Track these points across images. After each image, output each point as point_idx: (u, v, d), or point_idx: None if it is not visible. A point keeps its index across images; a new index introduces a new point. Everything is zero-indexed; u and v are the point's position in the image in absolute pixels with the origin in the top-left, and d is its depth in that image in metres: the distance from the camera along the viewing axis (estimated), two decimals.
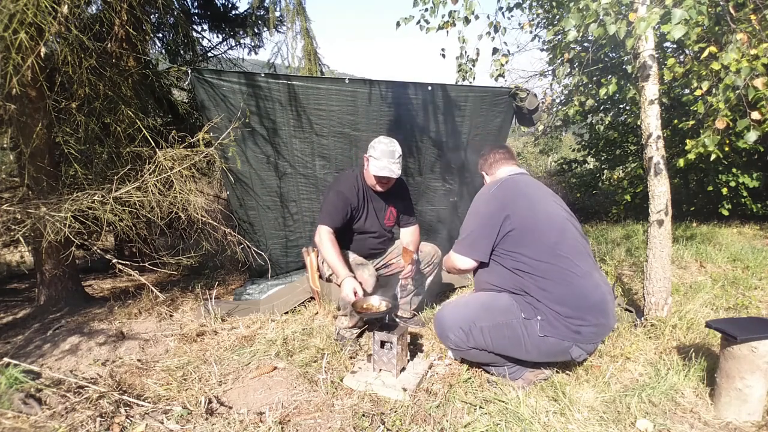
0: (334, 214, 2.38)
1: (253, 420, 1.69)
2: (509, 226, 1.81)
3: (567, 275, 1.76)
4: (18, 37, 2.18)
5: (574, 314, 1.74)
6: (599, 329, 1.78)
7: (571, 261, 1.77)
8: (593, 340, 1.80)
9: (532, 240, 1.79)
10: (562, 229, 1.83)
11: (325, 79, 3.36)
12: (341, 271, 2.23)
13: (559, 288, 1.75)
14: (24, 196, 2.73)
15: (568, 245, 1.80)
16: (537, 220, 1.82)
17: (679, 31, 1.92)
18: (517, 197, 1.87)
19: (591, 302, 1.76)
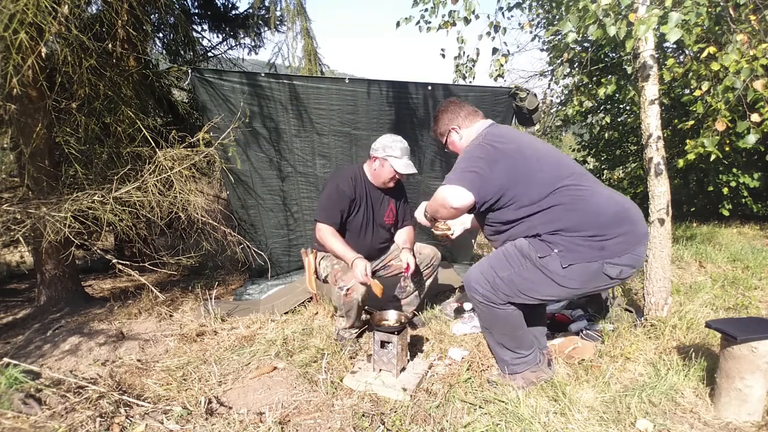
0: (331, 208, 2.38)
1: (253, 420, 1.69)
2: (499, 173, 1.71)
3: (574, 201, 1.69)
4: (18, 37, 2.18)
5: (594, 232, 1.67)
6: (627, 237, 1.69)
7: (576, 186, 1.71)
8: (624, 251, 1.69)
9: (529, 183, 1.71)
10: (558, 161, 1.77)
11: (326, 78, 3.37)
12: (349, 255, 2.25)
13: (570, 215, 1.68)
14: (24, 196, 2.73)
15: (567, 172, 1.73)
16: (529, 161, 1.73)
17: (675, 35, 1.93)
18: (507, 144, 1.77)
19: (607, 216, 1.69)
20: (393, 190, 2.59)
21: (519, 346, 1.89)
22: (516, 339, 1.88)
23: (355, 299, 2.23)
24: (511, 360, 1.90)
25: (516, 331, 1.87)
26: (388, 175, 2.41)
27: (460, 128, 1.96)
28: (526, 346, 1.89)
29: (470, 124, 1.94)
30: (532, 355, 1.91)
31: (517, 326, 1.86)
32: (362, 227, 2.49)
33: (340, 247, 2.31)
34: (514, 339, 1.88)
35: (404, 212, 2.66)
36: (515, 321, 1.85)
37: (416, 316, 2.72)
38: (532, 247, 1.74)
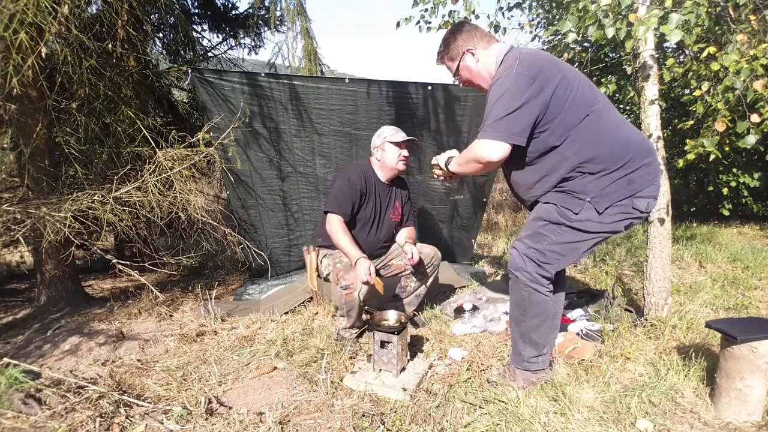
0: (342, 199, 2.39)
1: (253, 420, 1.69)
2: (543, 101, 1.59)
3: (608, 126, 1.66)
4: (18, 37, 2.18)
5: (622, 164, 1.63)
6: (650, 168, 1.68)
7: (608, 111, 1.68)
8: (649, 182, 1.68)
9: (569, 107, 1.62)
10: (590, 83, 1.72)
11: (326, 78, 3.37)
12: (354, 253, 2.25)
13: (602, 145, 1.64)
14: (24, 196, 2.73)
15: (599, 97, 1.68)
16: (572, 83, 1.63)
17: (676, 36, 1.94)
18: (545, 65, 1.63)
19: (635, 145, 1.67)
20: (398, 188, 2.63)
21: (544, 343, 1.86)
22: (544, 334, 1.85)
23: (357, 298, 2.23)
24: (529, 357, 1.86)
25: (547, 323, 1.84)
26: (394, 155, 2.45)
27: (476, 49, 1.75)
28: (550, 343, 1.90)
29: (487, 46, 1.75)
30: (546, 355, 1.89)
31: (549, 317, 1.84)
32: (370, 221, 2.51)
33: (346, 243, 2.31)
34: (542, 332, 1.84)
35: (408, 212, 2.69)
36: (552, 310, 1.85)
37: (416, 316, 2.72)
38: (562, 207, 1.70)
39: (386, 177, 2.55)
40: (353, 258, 2.25)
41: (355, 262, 2.23)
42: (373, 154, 2.54)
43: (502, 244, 4.97)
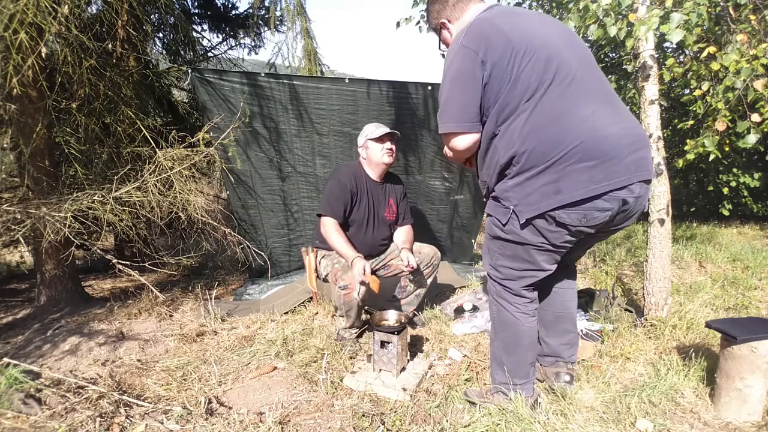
0: (334, 202, 2.41)
1: (253, 420, 1.69)
2: (486, 77, 1.40)
3: (547, 112, 1.36)
4: (18, 37, 2.18)
5: (547, 165, 1.36)
6: (595, 172, 1.33)
7: (560, 93, 1.37)
8: (592, 192, 1.34)
9: (507, 85, 1.39)
10: (549, 56, 1.38)
11: (326, 78, 3.37)
12: (350, 254, 2.26)
13: (530, 138, 1.36)
14: (24, 196, 2.73)
15: (554, 78, 1.37)
16: (514, 57, 1.37)
17: (677, 36, 1.93)
18: (493, 36, 1.40)
19: (578, 141, 1.33)
20: (393, 186, 2.63)
21: (515, 372, 1.67)
22: (515, 363, 1.67)
23: (355, 298, 2.23)
24: (499, 381, 1.71)
25: (518, 350, 1.66)
26: (378, 150, 2.46)
27: (450, 21, 1.61)
28: (521, 375, 1.67)
29: (461, 14, 1.57)
30: (524, 385, 1.69)
31: (521, 342, 1.65)
32: (364, 222, 2.51)
33: (341, 245, 2.32)
34: (513, 360, 1.67)
35: (404, 209, 2.68)
36: (525, 335, 1.64)
37: (416, 316, 2.72)
38: (494, 218, 1.53)
39: (377, 174, 2.55)
40: (349, 259, 2.26)
41: (351, 263, 2.24)
42: (360, 154, 2.56)
43: None
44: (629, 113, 1.47)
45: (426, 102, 3.30)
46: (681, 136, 5.75)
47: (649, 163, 1.44)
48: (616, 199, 1.37)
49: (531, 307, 1.66)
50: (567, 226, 1.41)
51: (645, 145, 1.43)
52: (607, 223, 1.44)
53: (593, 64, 1.48)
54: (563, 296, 1.80)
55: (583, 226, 1.41)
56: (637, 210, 1.47)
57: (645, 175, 1.40)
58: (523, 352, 1.68)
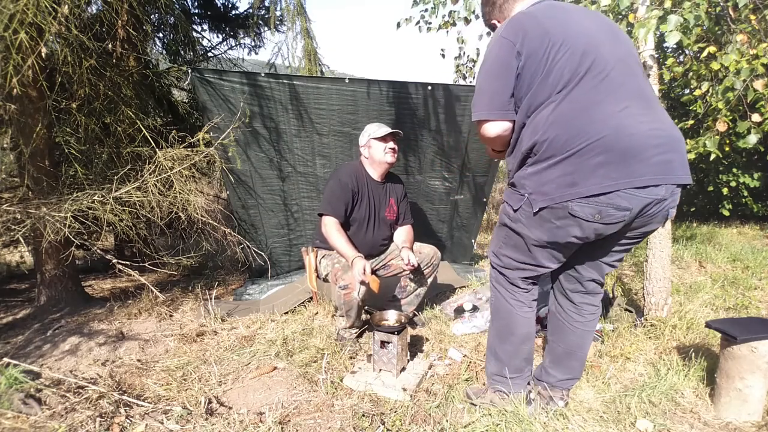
0: (335, 201, 2.41)
1: (253, 420, 1.69)
2: (520, 67, 1.41)
3: (574, 103, 1.35)
4: (18, 37, 2.18)
5: (567, 155, 1.35)
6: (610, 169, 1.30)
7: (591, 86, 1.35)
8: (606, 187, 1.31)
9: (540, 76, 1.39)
10: (585, 49, 1.37)
11: (326, 78, 3.37)
12: (350, 253, 2.27)
13: (554, 127, 1.37)
14: (24, 196, 2.73)
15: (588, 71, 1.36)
16: (550, 49, 1.37)
17: (674, 38, 1.94)
18: (531, 28, 1.41)
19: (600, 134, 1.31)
20: (393, 186, 2.64)
21: (507, 362, 1.68)
22: (507, 353, 1.68)
23: (355, 298, 2.23)
24: (491, 373, 1.73)
25: (512, 340, 1.66)
26: (380, 149, 2.46)
27: (499, 22, 1.64)
28: (513, 368, 1.68)
29: (508, 14, 1.58)
30: (515, 380, 1.69)
31: (516, 333, 1.65)
32: (365, 221, 2.51)
33: (342, 244, 2.33)
34: (505, 350, 1.68)
35: (405, 209, 2.69)
36: (520, 325, 1.63)
37: (416, 316, 2.72)
38: (506, 204, 1.54)
39: (378, 174, 2.56)
40: (349, 258, 2.26)
41: (351, 263, 2.24)
42: (361, 153, 2.56)
43: None
44: (666, 115, 1.42)
45: (426, 102, 3.30)
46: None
47: (679, 167, 1.35)
48: (637, 199, 1.32)
49: (527, 297, 1.64)
50: (579, 220, 1.37)
51: (676, 148, 1.36)
52: (626, 225, 1.39)
53: (634, 64, 1.44)
54: (581, 337, 1.66)
55: (597, 223, 1.37)
56: (658, 214, 1.39)
57: (673, 179, 1.34)
58: (517, 342, 1.66)
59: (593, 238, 1.43)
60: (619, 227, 1.39)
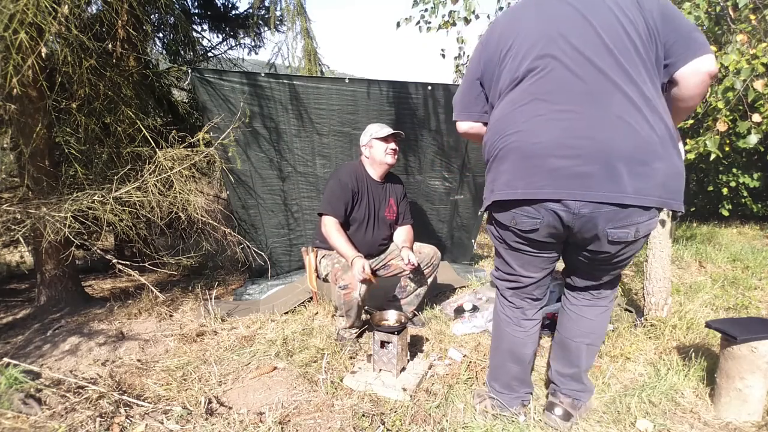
0: (335, 201, 2.42)
1: (253, 420, 1.69)
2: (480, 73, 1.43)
3: (509, 102, 1.32)
4: (18, 37, 2.18)
5: (490, 159, 1.37)
6: (513, 177, 1.28)
7: (520, 92, 1.29)
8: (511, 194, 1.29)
9: (492, 82, 1.39)
10: (536, 39, 1.27)
11: (326, 78, 3.37)
12: (350, 253, 2.27)
13: (489, 130, 1.39)
14: (24, 196, 2.73)
15: (528, 73, 1.27)
16: (500, 55, 1.34)
17: None
18: (490, 32, 1.40)
19: (513, 135, 1.28)
20: (393, 186, 2.64)
21: (495, 375, 1.66)
22: (495, 366, 1.67)
23: (355, 298, 2.23)
24: (487, 380, 1.74)
25: (499, 352, 1.63)
26: (381, 149, 2.47)
27: None
28: (500, 382, 1.66)
29: None
30: (504, 396, 1.65)
31: (504, 345, 1.61)
32: (365, 221, 2.52)
33: (342, 244, 2.33)
34: (495, 360, 1.67)
35: (404, 209, 2.69)
36: (509, 338, 1.60)
37: (416, 316, 2.72)
38: None
39: (378, 174, 2.56)
40: (349, 258, 2.27)
41: (351, 262, 2.24)
42: (362, 152, 2.56)
43: None
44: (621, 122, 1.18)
45: (426, 102, 3.30)
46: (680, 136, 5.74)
47: (605, 182, 1.18)
48: (547, 211, 1.26)
49: (515, 313, 1.59)
50: (504, 225, 1.39)
51: (604, 159, 1.17)
52: (562, 233, 1.32)
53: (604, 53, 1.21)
54: (576, 323, 1.59)
55: (515, 228, 1.36)
56: (586, 231, 1.27)
57: (587, 195, 1.20)
58: (502, 357, 1.63)
59: (529, 244, 1.40)
60: (543, 234, 1.33)
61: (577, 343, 1.59)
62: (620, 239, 1.27)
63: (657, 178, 1.19)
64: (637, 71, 1.21)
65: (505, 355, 1.63)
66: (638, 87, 1.20)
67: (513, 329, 1.60)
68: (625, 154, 1.17)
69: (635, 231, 1.25)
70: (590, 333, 1.58)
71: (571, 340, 1.60)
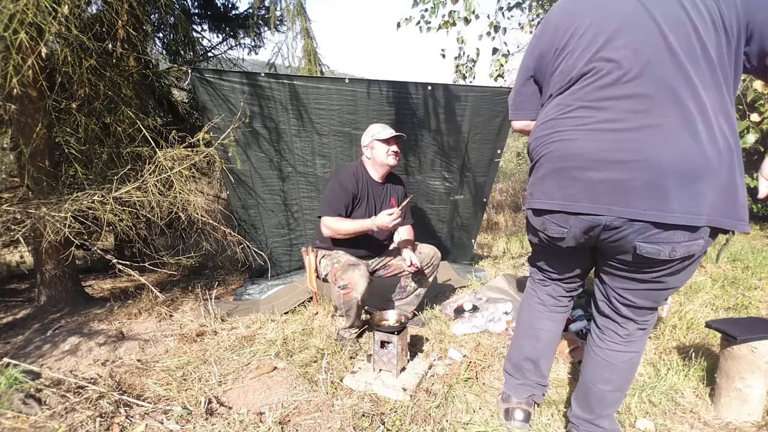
0: (335, 203, 2.42)
1: (253, 420, 1.69)
2: (534, 69, 1.37)
3: (557, 106, 1.27)
4: (18, 37, 2.18)
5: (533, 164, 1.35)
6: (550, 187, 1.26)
7: (588, 86, 1.19)
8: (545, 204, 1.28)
9: (547, 77, 1.32)
10: (594, 37, 1.18)
11: (326, 78, 3.37)
12: (366, 222, 2.31)
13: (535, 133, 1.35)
14: (24, 196, 2.73)
15: (586, 73, 1.20)
16: (555, 49, 1.27)
17: None
18: (547, 22, 1.31)
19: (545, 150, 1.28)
20: (394, 186, 2.64)
21: (510, 356, 1.67)
22: (513, 342, 1.68)
23: (355, 298, 2.23)
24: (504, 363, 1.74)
25: (517, 328, 1.65)
26: (382, 151, 2.46)
27: None
28: (511, 364, 1.67)
29: None
30: (511, 381, 1.65)
31: (519, 319, 1.64)
32: None
33: (354, 224, 2.35)
34: (514, 335, 1.68)
35: (405, 210, 2.69)
36: (522, 310, 1.63)
37: (416, 316, 2.72)
38: None
39: (379, 174, 2.56)
40: (368, 225, 2.30)
41: (375, 224, 2.28)
42: (363, 153, 2.56)
43: (502, 244, 4.96)
44: (672, 135, 1.08)
45: (426, 102, 3.30)
46: None
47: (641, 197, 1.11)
48: (577, 220, 1.22)
49: (540, 290, 1.60)
50: (534, 228, 1.39)
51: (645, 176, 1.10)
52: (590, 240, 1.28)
53: (666, 54, 1.09)
54: (600, 368, 1.45)
55: (544, 233, 1.35)
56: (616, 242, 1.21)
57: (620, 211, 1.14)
58: (519, 332, 1.64)
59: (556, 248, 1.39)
60: (571, 242, 1.30)
61: (600, 389, 1.43)
62: (649, 254, 1.16)
63: (711, 197, 1.08)
64: (701, 76, 1.08)
65: (522, 328, 1.63)
66: (699, 96, 1.08)
67: (534, 302, 1.61)
68: (674, 170, 1.08)
69: (670, 250, 1.14)
70: (614, 379, 1.41)
71: (593, 386, 1.44)
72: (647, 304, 1.32)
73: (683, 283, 1.27)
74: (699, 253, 1.17)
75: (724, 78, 1.10)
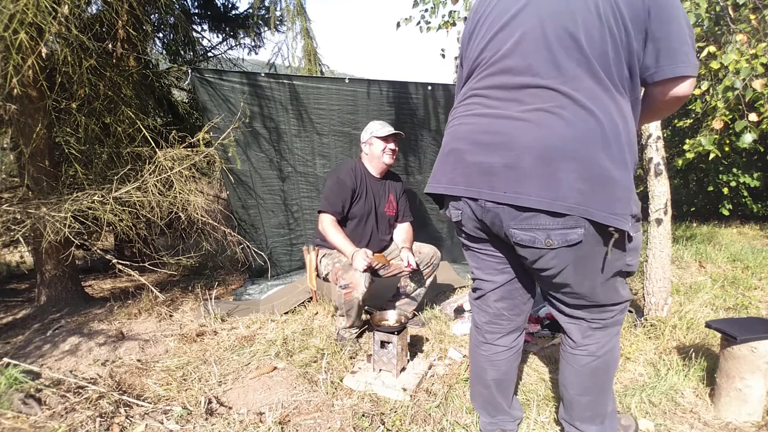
0: (333, 198, 2.44)
1: (253, 420, 1.69)
2: (462, 46, 1.36)
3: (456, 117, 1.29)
4: (18, 37, 2.18)
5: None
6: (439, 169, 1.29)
7: (474, 80, 1.23)
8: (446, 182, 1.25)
9: (464, 62, 1.33)
10: (496, 35, 1.17)
11: (326, 78, 3.38)
12: (348, 249, 2.31)
13: None
14: (24, 196, 2.73)
15: (486, 60, 1.19)
16: (467, 38, 1.30)
17: None
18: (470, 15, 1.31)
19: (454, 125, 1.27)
20: (392, 183, 2.66)
21: (471, 393, 1.59)
22: (471, 384, 1.58)
23: (356, 298, 2.23)
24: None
25: (471, 373, 1.56)
26: (379, 148, 2.49)
27: None
28: (476, 403, 1.57)
29: None
30: (483, 419, 1.54)
31: (471, 368, 1.53)
32: (365, 217, 2.54)
33: (340, 240, 2.36)
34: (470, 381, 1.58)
35: (404, 206, 2.71)
36: (472, 363, 1.52)
37: (416, 316, 2.72)
38: None
39: (377, 171, 2.58)
40: (348, 253, 2.30)
41: (351, 257, 2.26)
42: (362, 149, 2.58)
43: None
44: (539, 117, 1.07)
45: (426, 102, 3.30)
46: (681, 136, 5.75)
47: (500, 182, 1.10)
48: (464, 203, 1.23)
49: (477, 333, 1.48)
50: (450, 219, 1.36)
51: (506, 158, 1.09)
52: (482, 227, 1.25)
53: (542, 44, 1.09)
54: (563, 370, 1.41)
55: (453, 221, 1.35)
56: (496, 225, 1.18)
57: (490, 195, 1.13)
58: (472, 376, 1.56)
59: (467, 238, 1.39)
60: (470, 227, 1.28)
61: (568, 392, 1.39)
62: (524, 242, 1.12)
63: (570, 181, 1.03)
64: (575, 65, 1.07)
65: (472, 373, 1.55)
66: (571, 84, 1.06)
67: (475, 349, 1.50)
68: (533, 152, 1.06)
69: (545, 237, 1.08)
70: (577, 383, 1.35)
71: (563, 387, 1.40)
72: (577, 301, 1.25)
73: (595, 282, 1.18)
74: (591, 246, 1.10)
75: (603, 68, 1.06)
